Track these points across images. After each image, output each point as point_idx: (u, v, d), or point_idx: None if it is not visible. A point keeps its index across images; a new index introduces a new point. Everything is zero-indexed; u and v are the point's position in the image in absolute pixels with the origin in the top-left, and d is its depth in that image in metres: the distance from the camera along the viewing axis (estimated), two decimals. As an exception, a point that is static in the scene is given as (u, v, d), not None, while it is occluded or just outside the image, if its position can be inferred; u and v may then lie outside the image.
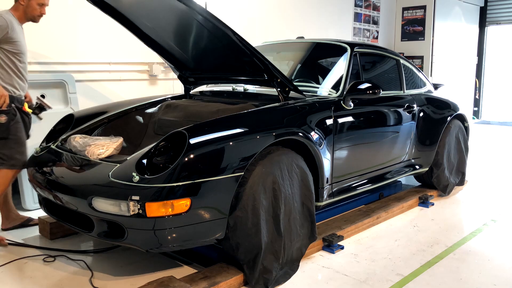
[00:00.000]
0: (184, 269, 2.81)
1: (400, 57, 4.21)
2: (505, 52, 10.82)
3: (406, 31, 8.95)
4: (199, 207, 2.35)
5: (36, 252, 3.06)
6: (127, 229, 2.36)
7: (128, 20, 3.30)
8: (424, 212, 3.94)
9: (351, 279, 2.73)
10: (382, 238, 3.38)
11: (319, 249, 3.11)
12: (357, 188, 3.50)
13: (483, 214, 3.94)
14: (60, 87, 4.26)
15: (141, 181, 2.32)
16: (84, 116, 3.41)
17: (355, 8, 7.97)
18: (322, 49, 3.87)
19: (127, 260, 2.93)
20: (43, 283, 2.64)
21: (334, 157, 3.17)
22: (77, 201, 2.49)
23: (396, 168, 3.95)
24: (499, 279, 2.77)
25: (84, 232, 2.60)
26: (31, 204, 3.92)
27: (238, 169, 2.46)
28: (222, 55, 3.28)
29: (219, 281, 2.49)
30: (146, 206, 2.25)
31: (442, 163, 4.32)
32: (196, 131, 2.47)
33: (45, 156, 3.01)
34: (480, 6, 10.23)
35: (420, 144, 4.15)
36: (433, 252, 3.14)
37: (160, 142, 2.52)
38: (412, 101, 4.06)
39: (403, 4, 8.95)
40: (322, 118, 3.07)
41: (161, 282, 2.41)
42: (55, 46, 4.32)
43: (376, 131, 3.64)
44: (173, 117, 3.34)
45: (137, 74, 5.00)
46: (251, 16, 6.12)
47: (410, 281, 2.72)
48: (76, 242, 3.21)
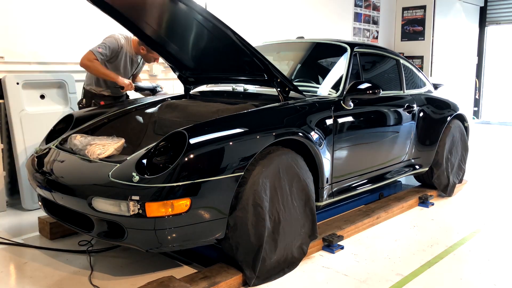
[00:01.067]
0: (184, 269, 2.81)
1: (400, 57, 4.21)
2: (505, 52, 10.82)
3: (406, 31, 8.95)
4: (199, 207, 2.35)
5: (36, 252, 3.06)
6: (127, 229, 2.36)
7: (128, 20, 3.30)
8: (424, 212, 3.94)
9: (351, 279, 2.73)
10: (382, 238, 3.38)
11: (319, 249, 3.11)
12: (357, 188, 3.49)
13: (483, 214, 3.94)
14: (60, 87, 4.26)
15: (141, 181, 2.31)
16: (84, 116, 3.41)
17: (355, 8, 7.97)
18: (322, 49, 3.87)
19: (127, 260, 2.93)
20: (43, 283, 2.64)
21: (334, 157, 3.17)
22: (77, 201, 2.49)
23: (396, 168, 3.95)
24: (499, 279, 2.77)
25: (84, 232, 2.60)
26: (31, 204, 3.93)
27: (238, 169, 2.46)
28: (222, 55, 3.28)
29: (219, 281, 2.49)
30: (146, 206, 2.25)
31: (442, 163, 4.32)
32: (196, 131, 2.47)
33: (45, 156, 3.01)
34: (480, 6, 10.23)
35: (420, 144, 4.15)
36: (433, 252, 3.14)
37: (160, 142, 2.52)
38: (412, 101, 4.06)
39: (403, 4, 8.95)
40: (322, 118, 3.07)
41: (161, 282, 2.41)
42: (55, 46, 4.32)
43: (376, 131, 3.64)
44: (173, 117, 3.34)
45: (137, 74, 4.99)
46: (251, 16, 6.12)
47: (410, 281, 2.72)
48: (76, 242, 3.21)
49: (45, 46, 4.25)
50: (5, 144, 3.97)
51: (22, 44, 4.11)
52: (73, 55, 4.44)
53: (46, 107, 4.15)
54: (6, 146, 3.98)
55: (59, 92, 4.26)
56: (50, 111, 4.11)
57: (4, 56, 4.00)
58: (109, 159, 2.67)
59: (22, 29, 4.09)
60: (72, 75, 4.34)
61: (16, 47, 4.07)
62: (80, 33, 4.48)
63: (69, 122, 3.35)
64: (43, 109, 4.12)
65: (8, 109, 3.92)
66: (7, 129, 3.98)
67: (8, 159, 4.01)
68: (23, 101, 3.98)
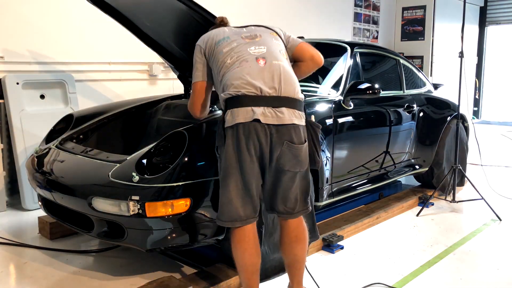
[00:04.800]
0: (184, 269, 2.81)
1: (400, 57, 4.21)
2: (505, 52, 10.82)
3: (406, 31, 8.95)
4: (199, 207, 2.35)
5: (36, 252, 3.06)
6: (127, 229, 2.36)
7: (128, 20, 3.29)
8: (424, 212, 3.94)
9: (351, 279, 2.73)
10: (382, 238, 3.38)
11: (319, 249, 3.11)
12: (357, 188, 3.49)
13: (483, 214, 3.94)
14: (60, 87, 4.26)
15: (141, 181, 2.31)
16: (83, 116, 3.41)
17: (355, 8, 7.97)
18: (322, 49, 3.84)
19: (127, 260, 2.93)
20: (43, 283, 2.63)
21: (334, 157, 3.17)
22: (77, 201, 2.49)
23: (396, 168, 3.95)
24: (499, 279, 2.77)
25: (84, 232, 2.60)
26: (31, 204, 3.92)
27: (238, 169, 2.46)
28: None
29: (219, 281, 2.49)
30: (146, 206, 2.25)
31: (442, 163, 4.32)
32: (196, 131, 2.46)
33: (45, 156, 3.01)
34: (480, 6, 10.23)
35: (420, 144, 4.15)
36: (433, 252, 3.14)
37: (160, 142, 2.52)
38: (412, 101, 4.06)
39: (403, 4, 8.95)
40: (322, 118, 3.07)
41: (161, 282, 2.41)
42: (55, 46, 4.32)
43: (376, 131, 3.64)
44: (173, 117, 3.34)
45: (137, 74, 5.00)
46: (251, 16, 6.11)
47: (410, 281, 2.72)
48: (76, 242, 3.21)
49: (45, 46, 4.25)
50: (5, 144, 3.97)
51: (22, 44, 4.11)
52: (73, 55, 4.44)
53: (46, 107, 4.15)
54: (6, 146, 3.98)
55: (59, 92, 4.26)
56: (50, 111, 4.11)
57: (4, 56, 4.00)
58: (109, 159, 2.67)
59: (22, 29, 4.09)
60: (72, 75, 4.34)
61: (16, 47, 4.07)
62: (80, 33, 4.48)
63: (69, 122, 3.35)
64: (43, 109, 4.12)
65: (8, 109, 3.92)
66: (7, 129, 3.98)
67: (8, 159, 4.01)
68: (23, 101, 3.98)
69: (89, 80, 4.59)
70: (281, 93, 2.11)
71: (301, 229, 2.27)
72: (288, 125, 2.09)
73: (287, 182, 2.17)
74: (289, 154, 2.11)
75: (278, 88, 2.11)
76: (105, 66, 4.71)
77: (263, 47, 2.24)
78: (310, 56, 2.38)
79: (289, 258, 2.30)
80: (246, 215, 2.15)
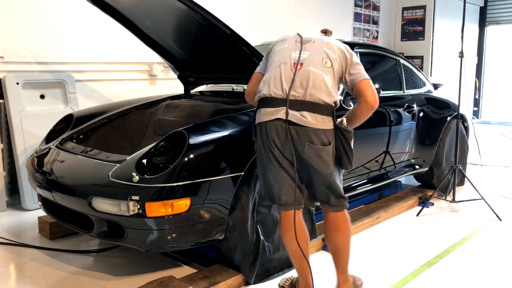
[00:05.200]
0: (184, 269, 2.81)
1: (400, 57, 4.21)
2: (505, 52, 10.82)
3: (406, 31, 8.95)
4: (199, 207, 2.35)
5: (36, 252, 3.06)
6: (127, 229, 2.36)
7: (128, 20, 3.30)
8: (424, 212, 3.94)
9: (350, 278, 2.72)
10: (382, 238, 3.38)
11: (319, 249, 3.11)
12: (357, 188, 3.50)
13: (483, 214, 3.94)
14: (60, 87, 4.26)
15: (141, 181, 2.32)
16: (83, 116, 3.41)
17: (355, 8, 7.97)
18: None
19: (127, 260, 2.93)
20: (43, 283, 2.64)
21: (334, 157, 3.16)
22: (77, 201, 2.49)
23: (396, 168, 3.95)
24: (499, 279, 2.77)
25: (84, 232, 2.60)
26: (31, 204, 3.93)
27: (238, 169, 2.46)
28: (222, 55, 3.28)
29: (219, 281, 2.49)
30: (146, 206, 2.25)
31: (442, 163, 4.32)
32: (196, 131, 2.47)
33: (45, 156, 3.01)
34: (480, 6, 10.23)
35: (420, 144, 4.15)
36: (433, 252, 3.14)
37: (160, 142, 2.52)
38: (412, 101, 4.06)
39: (403, 4, 8.95)
40: (322, 118, 3.06)
41: (161, 282, 2.41)
42: (55, 46, 4.32)
43: (376, 131, 3.64)
44: (173, 117, 3.34)
45: (137, 74, 5.00)
46: (251, 16, 6.12)
47: (410, 280, 2.72)
48: (76, 242, 3.21)
49: (45, 46, 4.25)
50: (5, 144, 3.97)
51: (22, 44, 4.11)
52: (73, 55, 4.44)
53: (46, 107, 4.15)
54: (6, 146, 3.98)
55: (59, 92, 4.26)
56: (50, 111, 4.11)
57: (4, 56, 4.00)
58: (109, 159, 2.67)
59: (22, 29, 4.09)
60: (72, 75, 4.34)
61: (16, 47, 4.08)
62: (80, 33, 4.48)
63: (69, 122, 3.35)
64: (43, 109, 4.12)
65: (8, 109, 3.92)
66: (7, 129, 3.98)
67: (8, 159, 4.01)
68: (23, 101, 3.98)
69: (89, 80, 4.60)
70: (306, 97, 2.19)
71: (341, 220, 2.38)
72: (307, 127, 2.17)
73: (317, 177, 2.28)
74: (312, 152, 2.20)
75: (304, 92, 2.19)
76: (105, 66, 4.71)
77: (307, 53, 2.31)
78: (365, 97, 2.36)
79: (331, 247, 2.44)
80: (285, 201, 2.29)
